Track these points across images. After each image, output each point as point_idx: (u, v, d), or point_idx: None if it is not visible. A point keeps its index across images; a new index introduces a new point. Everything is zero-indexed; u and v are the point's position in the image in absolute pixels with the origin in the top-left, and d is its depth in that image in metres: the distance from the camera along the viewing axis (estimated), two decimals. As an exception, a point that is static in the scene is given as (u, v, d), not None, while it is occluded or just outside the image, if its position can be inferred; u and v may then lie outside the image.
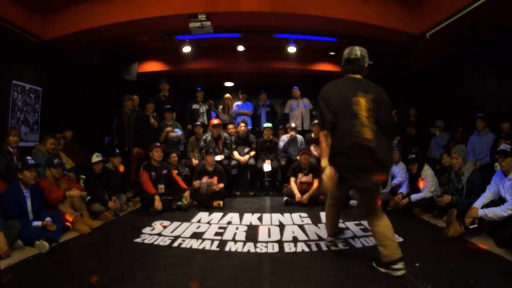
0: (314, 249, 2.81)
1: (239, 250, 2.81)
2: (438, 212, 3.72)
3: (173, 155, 4.97)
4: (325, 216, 2.83)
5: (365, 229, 3.34)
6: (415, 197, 3.96)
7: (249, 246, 2.88)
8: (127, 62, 6.43)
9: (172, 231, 3.34)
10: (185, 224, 3.59)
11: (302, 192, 4.58)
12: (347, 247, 2.85)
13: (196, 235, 3.20)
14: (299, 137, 5.61)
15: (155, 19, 4.55)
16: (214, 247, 2.88)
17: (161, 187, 4.43)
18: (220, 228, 3.46)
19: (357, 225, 3.51)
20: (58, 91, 5.32)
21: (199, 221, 3.74)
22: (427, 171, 4.02)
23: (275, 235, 3.18)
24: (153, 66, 6.95)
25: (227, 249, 2.84)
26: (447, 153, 4.30)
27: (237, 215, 3.97)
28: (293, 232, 3.26)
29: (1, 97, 4.29)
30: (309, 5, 4.46)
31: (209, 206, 4.41)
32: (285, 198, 4.65)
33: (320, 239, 3.06)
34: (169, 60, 6.85)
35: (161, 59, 6.90)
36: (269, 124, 5.72)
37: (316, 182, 4.62)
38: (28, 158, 3.11)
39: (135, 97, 5.72)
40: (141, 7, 4.49)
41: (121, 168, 4.61)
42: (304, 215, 3.99)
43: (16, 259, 2.52)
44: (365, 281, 2.17)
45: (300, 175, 4.70)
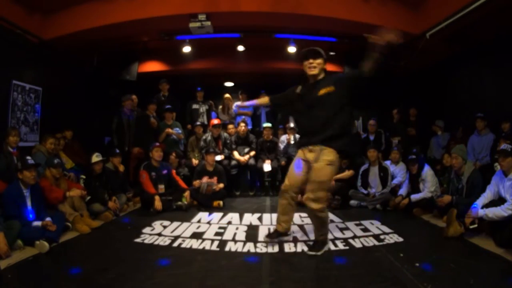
0: (314, 249, 2.81)
1: (239, 250, 2.81)
2: (438, 212, 3.72)
3: (172, 155, 4.97)
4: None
5: (365, 229, 3.35)
6: (415, 197, 3.96)
7: (249, 246, 2.88)
8: (127, 62, 6.43)
9: (172, 231, 3.34)
10: (185, 224, 3.58)
11: (302, 192, 4.57)
12: (347, 247, 2.85)
13: (196, 235, 3.20)
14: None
15: (155, 19, 4.56)
16: (214, 247, 2.88)
17: (161, 187, 4.42)
18: (220, 228, 3.46)
19: (357, 225, 3.51)
20: (58, 91, 5.32)
21: (199, 221, 3.74)
22: (427, 171, 4.03)
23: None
24: (153, 66, 6.95)
25: (227, 249, 2.83)
26: (448, 153, 4.30)
27: (237, 215, 3.97)
28: (293, 232, 3.26)
29: (1, 97, 4.29)
30: (309, 5, 4.46)
31: (209, 206, 4.41)
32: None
33: (320, 239, 3.06)
34: (169, 60, 6.86)
35: (161, 59, 6.90)
36: (269, 124, 5.72)
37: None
38: (28, 158, 3.11)
39: (134, 97, 5.72)
40: (141, 7, 4.49)
41: (121, 168, 4.61)
42: (304, 215, 3.97)
43: (16, 259, 2.52)
44: (365, 281, 2.16)
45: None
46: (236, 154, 5.40)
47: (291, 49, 6.07)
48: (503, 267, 2.37)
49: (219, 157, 5.11)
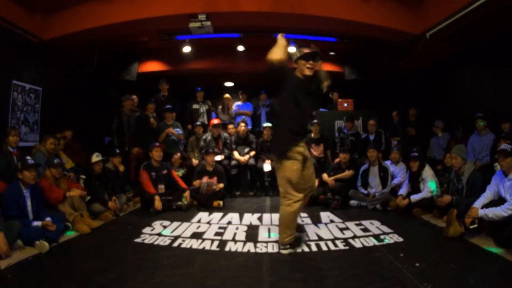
0: (314, 249, 2.82)
1: (239, 250, 2.81)
2: (438, 212, 3.72)
3: (176, 156, 4.98)
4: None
5: (365, 229, 3.35)
6: (415, 197, 3.96)
7: (249, 246, 2.88)
8: (127, 62, 6.43)
9: (172, 231, 3.34)
10: (185, 224, 3.59)
11: (302, 192, 4.57)
12: (347, 247, 2.85)
13: (196, 235, 3.20)
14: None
15: (155, 19, 4.55)
16: (214, 247, 2.88)
17: (161, 187, 4.42)
18: (220, 228, 3.46)
19: (357, 225, 3.52)
20: (58, 91, 5.32)
21: (199, 221, 3.74)
22: (427, 171, 4.02)
23: (275, 235, 3.17)
24: (153, 66, 6.95)
25: (227, 249, 2.84)
26: (448, 153, 4.30)
27: (237, 215, 3.97)
28: (293, 232, 3.26)
29: (1, 97, 4.29)
30: (309, 5, 4.46)
31: (209, 206, 4.41)
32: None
33: (320, 239, 3.06)
34: (169, 60, 6.86)
35: (161, 59, 6.90)
36: (269, 124, 5.71)
37: (316, 182, 4.61)
38: (28, 158, 3.11)
39: (134, 97, 5.72)
40: (141, 7, 4.49)
41: (121, 168, 4.61)
42: (304, 215, 3.99)
43: (16, 259, 2.52)
44: (365, 281, 2.17)
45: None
46: (236, 154, 5.40)
47: (291, 49, 6.05)
48: (503, 267, 2.37)
49: (219, 157, 5.11)
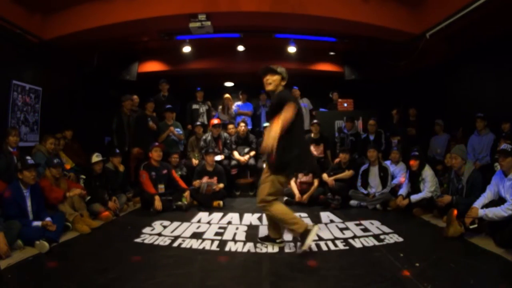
0: (314, 249, 2.81)
1: (239, 250, 2.81)
2: (438, 212, 3.72)
3: (175, 156, 4.97)
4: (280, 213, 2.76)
5: (365, 229, 3.35)
6: (415, 197, 3.96)
7: (249, 246, 2.88)
8: (127, 62, 6.43)
9: (172, 231, 3.34)
10: (185, 224, 3.59)
11: (302, 192, 4.58)
12: (347, 247, 2.85)
13: (196, 235, 3.20)
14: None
15: (155, 19, 4.55)
16: (214, 247, 2.88)
17: (161, 187, 4.43)
18: (220, 228, 3.46)
19: (357, 225, 3.52)
20: (58, 91, 5.32)
21: (199, 221, 3.74)
22: (427, 171, 4.02)
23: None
24: (153, 66, 6.95)
25: (227, 249, 2.84)
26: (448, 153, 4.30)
27: (237, 215, 3.97)
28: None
29: (1, 97, 4.28)
30: (309, 5, 4.46)
31: (209, 206, 4.41)
32: (285, 198, 4.65)
33: (320, 239, 3.06)
34: (169, 60, 6.86)
35: (161, 59, 6.90)
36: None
37: (316, 182, 4.63)
38: (28, 158, 3.11)
39: (134, 97, 5.72)
40: (141, 7, 4.49)
41: (121, 168, 4.61)
42: (304, 215, 3.99)
43: (16, 259, 2.52)
44: (365, 281, 2.16)
45: (300, 175, 4.69)
46: (236, 154, 5.40)
47: (291, 49, 6.07)
48: (503, 267, 2.37)
49: (219, 157, 5.11)
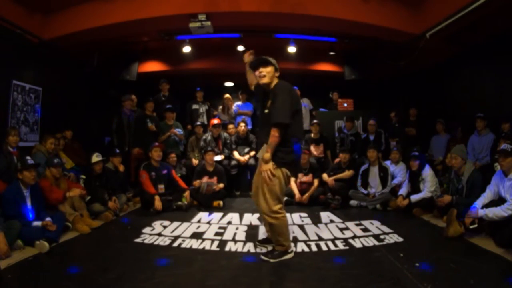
0: (314, 249, 2.81)
1: (239, 250, 2.81)
2: (438, 212, 3.72)
3: (172, 155, 4.97)
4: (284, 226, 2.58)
5: (365, 229, 3.35)
6: (415, 197, 3.96)
7: (249, 246, 2.88)
8: (127, 62, 6.43)
9: (172, 231, 3.34)
10: (185, 224, 3.59)
11: (302, 192, 4.58)
12: (347, 247, 2.85)
13: (196, 235, 3.20)
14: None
15: (155, 19, 4.55)
16: (214, 247, 2.88)
17: (161, 187, 4.42)
18: (220, 228, 3.46)
19: (357, 225, 3.52)
20: (58, 91, 5.32)
21: (199, 221, 3.74)
22: (427, 171, 4.02)
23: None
24: (153, 66, 6.95)
25: (227, 249, 2.84)
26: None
27: (237, 215, 3.97)
28: (293, 232, 3.26)
29: (1, 97, 4.29)
30: (309, 5, 4.46)
31: (209, 206, 4.41)
32: (285, 198, 4.64)
33: (320, 239, 3.06)
34: (169, 60, 6.86)
35: (161, 59, 6.90)
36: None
37: (316, 182, 4.63)
38: (28, 158, 3.11)
39: (133, 97, 5.71)
40: (141, 7, 4.49)
41: (121, 168, 4.61)
42: (304, 215, 3.99)
43: (16, 259, 2.52)
44: (365, 281, 2.16)
45: (300, 175, 4.69)
46: (236, 154, 5.40)
47: (291, 49, 6.07)
48: (503, 267, 2.37)
49: (219, 157, 5.11)
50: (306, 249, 2.81)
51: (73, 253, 2.84)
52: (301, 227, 3.45)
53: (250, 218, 3.84)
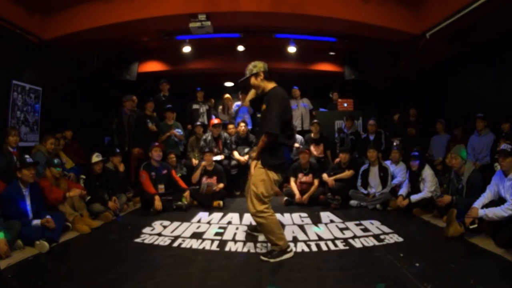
0: (314, 249, 2.82)
1: (239, 250, 2.81)
2: (438, 212, 3.72)
3: (171, 156, 4.97)
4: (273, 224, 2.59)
5: (365, 229, 3.35)
6: (415, 197, 3.96)
7: (249, 246, 2.88)
8: (127, 62, 6.43)
9: (172, 231, 3.34)
10: (185, 224, 3.59)
11: (302, 192, 4.58)
12: (347, 247, 2.85)
13: (196, 235, 3.20)
14: (298, 137, 5.62)
15: (155, 19, 4.55)
16: (214, 247, 2.88)
17: (161, 187, 4.43)
18: (220, 228, 3.46)
19: (357, 225, 3.52)
20: (58, 91, 5.32)
21: (199, 221, 3.74)
22: (427, 171, 4.03)
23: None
24: (153, 66, 6.95)
25: (227, 249, 2.84)
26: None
27: (237, 215, 3.97)
28: (293, 232, 3.26)
29: (1, 97, 4.29)
30: (309, 5, 4.45)
31: (209, 206, 4.41)
32: (285, 198, 4.66)
33: (320, 239, 3.06)
34: (169, 60, 6.86)
35: (161, 59, 6.90)
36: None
37: (316, 182, 4.63)
38: (26, 156, 3.11)
39: (134, 97, 5.71)
40: (141, 7, 4.49)
41: (121, 167, 4.61)
42: (304, 215, 3.99)
43: (16, 259, 2.52)
44: (365, 281, 2.16)
45: (300, 175, 4.70)
46: (236, 154, 5.40)
47: (291, 49, 6.07)
48: (503, 267, 2.37)
49: (219, 157, 5.11)
50: (306, 249, 2.81)
51: (73, 253, 2.84)
52: (301, 227, 3.45)
53: (250, 218, 3.80)
